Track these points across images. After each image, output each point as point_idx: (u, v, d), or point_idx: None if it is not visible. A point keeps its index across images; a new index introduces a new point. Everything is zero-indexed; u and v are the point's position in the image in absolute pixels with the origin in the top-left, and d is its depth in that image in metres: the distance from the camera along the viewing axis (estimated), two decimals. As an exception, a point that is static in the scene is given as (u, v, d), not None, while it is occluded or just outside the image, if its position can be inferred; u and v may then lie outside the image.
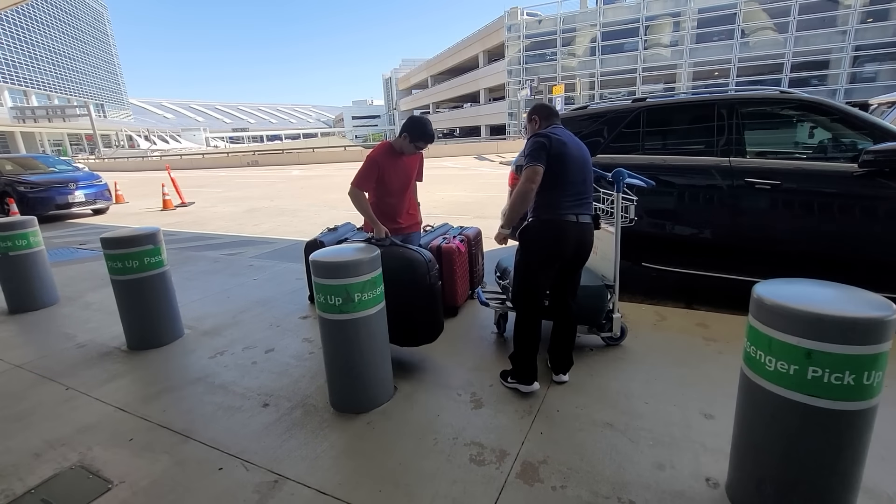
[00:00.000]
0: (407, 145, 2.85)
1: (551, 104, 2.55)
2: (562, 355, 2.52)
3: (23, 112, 54.59)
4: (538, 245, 2.34)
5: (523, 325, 2.42)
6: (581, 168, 2.33)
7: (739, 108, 3.36)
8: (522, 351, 2.42)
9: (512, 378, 2.47)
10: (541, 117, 2.49)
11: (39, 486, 1.93)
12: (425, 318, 2.61)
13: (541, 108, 2.52)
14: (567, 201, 2.29)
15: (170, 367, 2.96)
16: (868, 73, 34.07)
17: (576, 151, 2.32)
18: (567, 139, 2.33)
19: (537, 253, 2.35)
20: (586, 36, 42.69)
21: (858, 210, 3.00)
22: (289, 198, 12.45)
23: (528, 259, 2.39)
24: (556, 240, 2.30)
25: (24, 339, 3.58)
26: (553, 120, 2.47)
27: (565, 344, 2.51)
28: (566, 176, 2.28)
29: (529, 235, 2.36)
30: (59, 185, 9.89)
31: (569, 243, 2.31)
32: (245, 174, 23.42)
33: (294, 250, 6.14)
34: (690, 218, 3.55)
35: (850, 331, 1.30)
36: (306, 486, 1.85)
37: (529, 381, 2.41)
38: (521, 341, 2.42)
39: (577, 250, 2.37)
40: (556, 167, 2.26)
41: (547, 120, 2.47)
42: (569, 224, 2.29)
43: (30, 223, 4.13)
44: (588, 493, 1.75)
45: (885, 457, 1.84)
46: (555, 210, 2.29)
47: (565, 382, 2.51)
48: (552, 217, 2.30)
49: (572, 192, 2.30)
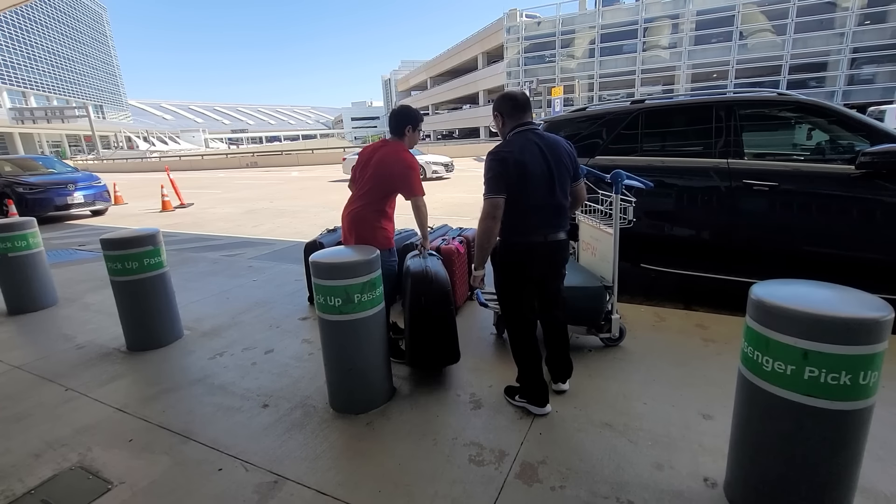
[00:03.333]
0: (413, 136, 2.74)
1: (520, 92, 2.21)
2: (559, 363, 2.43)
3: (21, 113, 54.54)
4: (508, 267, 2.24)
5: (517, 342, 2.30)
6: (549, 183, 2.09)
7: (737, 110, 3.37)
8: (525, 369, 2.29)
9: (521, 397, 2.32)
10: (505, 114, 2.18)
11: (39, 487, 1.93)
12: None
13: (506, 99, 2.18)
14: (533, 221, 2.12)
15: (169, 368, 2.96)
16: (866, 75, 34.21)
17: (542, 166, 2.07)
18: (531, 154, 2.06)
19: (509, 274, 2.25)
20: (585, 38, 42.80)
21: (855, 211, 3.01)
22: (288, 199, 12.46)
23: (503, 280, 2.29)
24: (524, 261, 2.18)
25: (24, 340, 3.58)
26: (520, 116, 2.15)
27: (559, 352, 2.42)
28: (531, 198, 2.08)
29: (499, 258, 2.26)
30: (58, 186, 9.89)
31: (536, 264, 2.20)
32: (244, 175, 23.42)
33: (293, 251, 6.15)
34: (689, 219, 3.57)
35: (847, 331, 1.31)
36: (306, 487, 1.86)
37: (542, 404, 2.25)
38: (521, 360, 2.30)
39: (548, 268, 2.26)
40: (519, 188, 2.06)
41: (513, 117, 2.16)
42: (536, 244, 2.15)
43: (29, 224, 4.13)
44: (587, 493, 1.76)
45: (882, 457, 1.85)
46: (520, 233, 2.14)
47: (565, 391, 2.44)
48: (518, 240, 2.16)
49: (541, 213, 2.12)
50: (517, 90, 2.25)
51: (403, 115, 2.70)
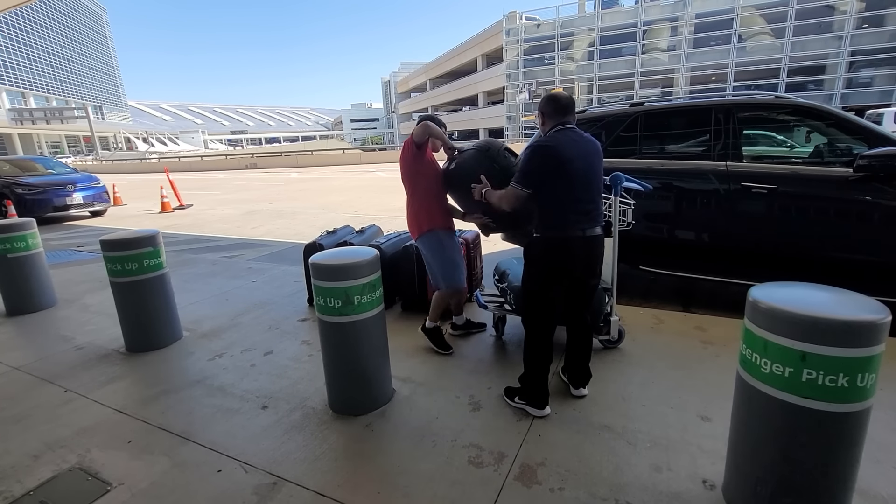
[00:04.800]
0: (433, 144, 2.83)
1: (564, 95, 2.25)
2: (579, 368, 2.39)
3: (20, 114, 54.57)
4: (544, 262, 2.20)
5: (534, 343, 2.25)
6: (587, 181, 2.15)
7: (736, 112, 3.39)
8: (533, 372, 2.25)
9: (520, 399, 2.31)
10: (547, 115, 2.23)
11: (38, 488, 1.93)
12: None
13: (549, 101, 2.23)
14: (572, 216, 2.14)
15: (168, 370, 2.96)
16: (864, 78, 34.34)
17: (582, 163, 2.12)
18: (572, 151, 2.11)
19: (544, 270, 2.21)
20: (584, 40, 42.93)
21: (854, 214, 3.02)
22: (287, 200, 12.46)
23: (534, 276, 2.25)
24: (563, 257, 2.16)
25: (23, 341, 3.57)
26: (562, 117, 2.20)
27: (582, 357, 2.38)
28: (570, 192, 2.12)
29: (534, 252, 2.23)
30: (57, 187, 9.88)
31: (577, 259, 2.17)
32: (243, 177, 23.42)
33: (293, 253, 6.14)
34: (688, 222, 3.58)
35: (845, 333, 1.31)
36: (305, 488, 1.86)
37: (541, 406, 2.25)
38: (532, 361, 2.26)
39: (587, 264, 2.22)
40: (559, 183, 2.10)
41: (554, 118, 2.21)
42: (575, 240, 2.14)
43: (28, 225, 4.12)
44: (586, 494, 1.76)
45: (880, 459, 1.85)
46: (560, 227, 2.14)
47: (585, 396, 2.40)
48: (557, 234, 2.15)
49: (578, 208, 2.14)
50: (563, 92, 2.31)
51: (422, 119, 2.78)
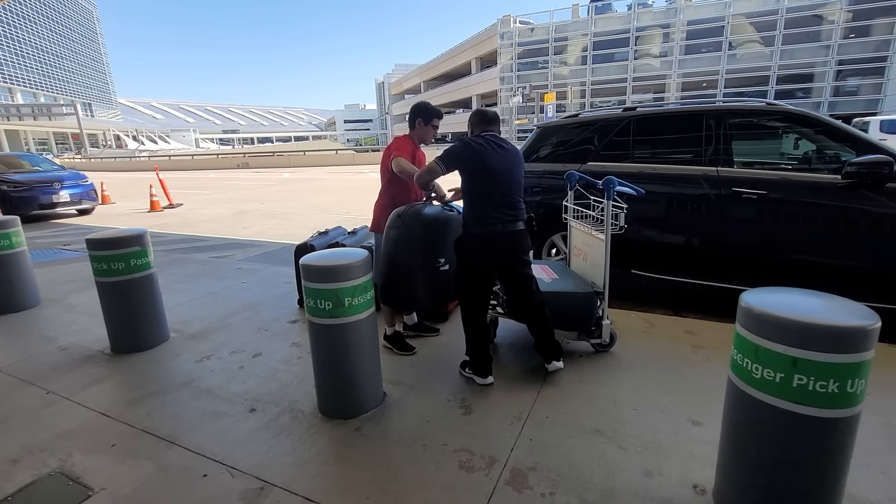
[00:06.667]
0: (424, 130, 2.96)
1: (489, 111, 2.67)
2: (545, 344, 2.59)
3: (7, 110, 53.64)
4: (468, 256, 2.47)
5: (468, 320, 2.54)
6: (507, 180, 2.41)
7: (727, 118, 3.42)
8: (472, 343, 2.56)
9: (469, 369, 2.60)
10: (475, 124, 2.59)
11: (17, 494, 1.88)
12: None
13: (477, 114, 2.61)
14: (492, 212, 2.38)
15: (154, 371, 2.90)
16: (850, 86, 34.99)
17: (502, 161, 2.39)
18: (495, 151, 2.39)
19: (468, 263, 2.48)
20: (578, 45, 43.24)
21: (841, 220, 3.06)
22: (279, 200, 12.37)
23: (460, 267, 2.52)
24: (484, 251, 2.42)
25: (4, 341, 3.49)
26: (487, 126, 2.54)
27: (543, 334, 2.59)
28: (493, 187, 2.38)
29: (461, 248, 2.48)
30: (44, 184, 9.72)
31: (495, 252, 2.43)
32: (235, 176, 23.23)
33: (284, 253, 6.09)
34: (679, 226, 3.60)
35: (835, 339, 1.32)
36: (293, 493, 1.83)
37: (484, 375, 2.54)
38: (468, 334, 2.55)
39: (511, 256, 2.48)
40: (482, 178, 2.37)
41: (480, 126, 2.55)
42: (495, 234, 2.40)
43: (12, 223, 4.04)
44: (577, 499, 1.75)
45: (869, 464, 1.87)
46: (482, 222, 2.39)
47: (560, 368, 2.57)
48: (479, 230, 2.41)
49: (499, 203, 2.39)
50: (489, 108, 2.65)
51: (414, 108, 2.98)
